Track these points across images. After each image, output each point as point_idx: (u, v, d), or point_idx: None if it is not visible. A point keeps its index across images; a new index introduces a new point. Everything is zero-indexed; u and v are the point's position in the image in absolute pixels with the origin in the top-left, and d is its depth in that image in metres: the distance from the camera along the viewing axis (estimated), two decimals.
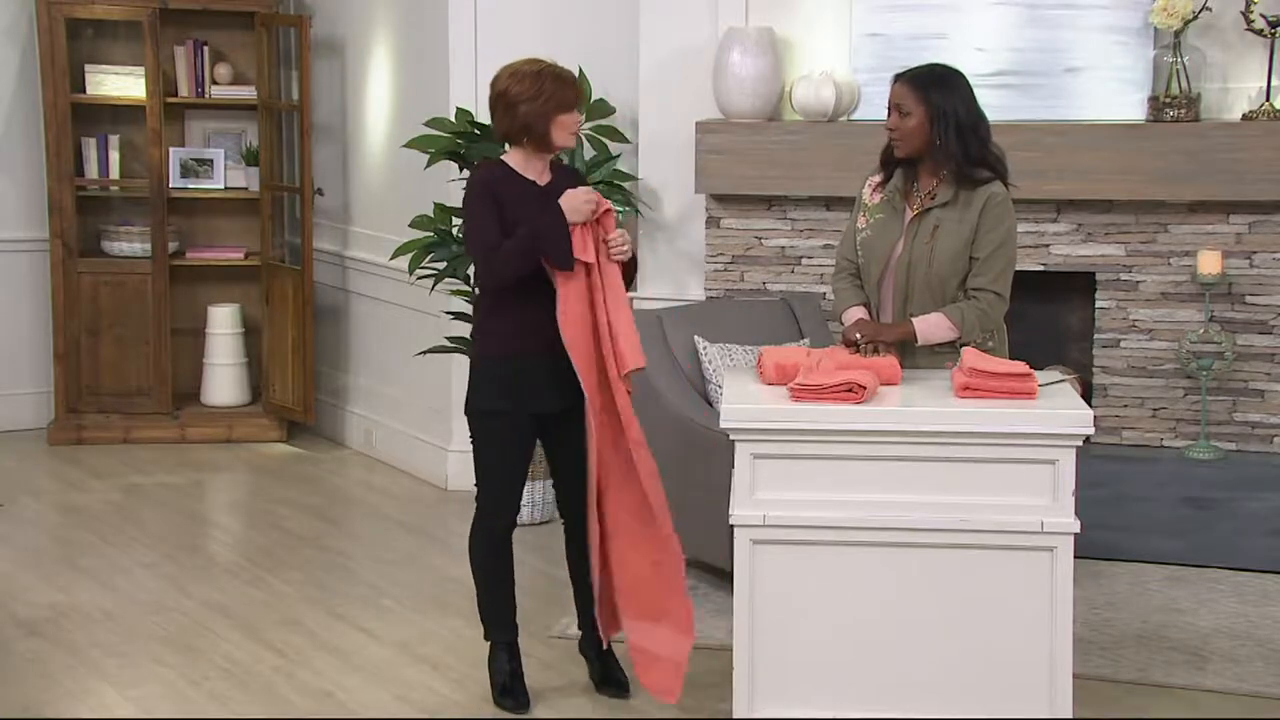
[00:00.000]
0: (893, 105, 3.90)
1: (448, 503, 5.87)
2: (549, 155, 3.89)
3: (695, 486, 4.66)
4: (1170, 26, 5.04)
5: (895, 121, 3.90)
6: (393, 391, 6.41)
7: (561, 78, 3.82)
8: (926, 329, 3.89)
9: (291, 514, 5.72)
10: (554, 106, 3.79)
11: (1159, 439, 5.25)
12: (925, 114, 3.86)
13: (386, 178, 6.37)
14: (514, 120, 3.82)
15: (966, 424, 3.55)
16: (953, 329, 3.90)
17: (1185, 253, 5.14)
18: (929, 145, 3.89)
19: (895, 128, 3.90)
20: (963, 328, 3.90)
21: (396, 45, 6.27)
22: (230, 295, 6.91)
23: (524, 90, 3.78)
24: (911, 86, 3.88)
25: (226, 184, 6.82)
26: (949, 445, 3.55)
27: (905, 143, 3.90)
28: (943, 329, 3.90)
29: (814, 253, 5.40)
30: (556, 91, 3.79)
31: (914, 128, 3.88)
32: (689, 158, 5.37)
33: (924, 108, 3.86)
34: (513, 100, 3.80)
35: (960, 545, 3.56)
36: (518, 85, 3.79)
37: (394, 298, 6.27)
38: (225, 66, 6.78)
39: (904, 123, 3.89)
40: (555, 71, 3.83)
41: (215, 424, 6.70)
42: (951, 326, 3.90)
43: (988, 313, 3.91)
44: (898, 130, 3.90)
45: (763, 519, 3.59)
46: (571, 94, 3.82)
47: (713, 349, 4.92)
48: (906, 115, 3.88)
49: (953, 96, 3.87)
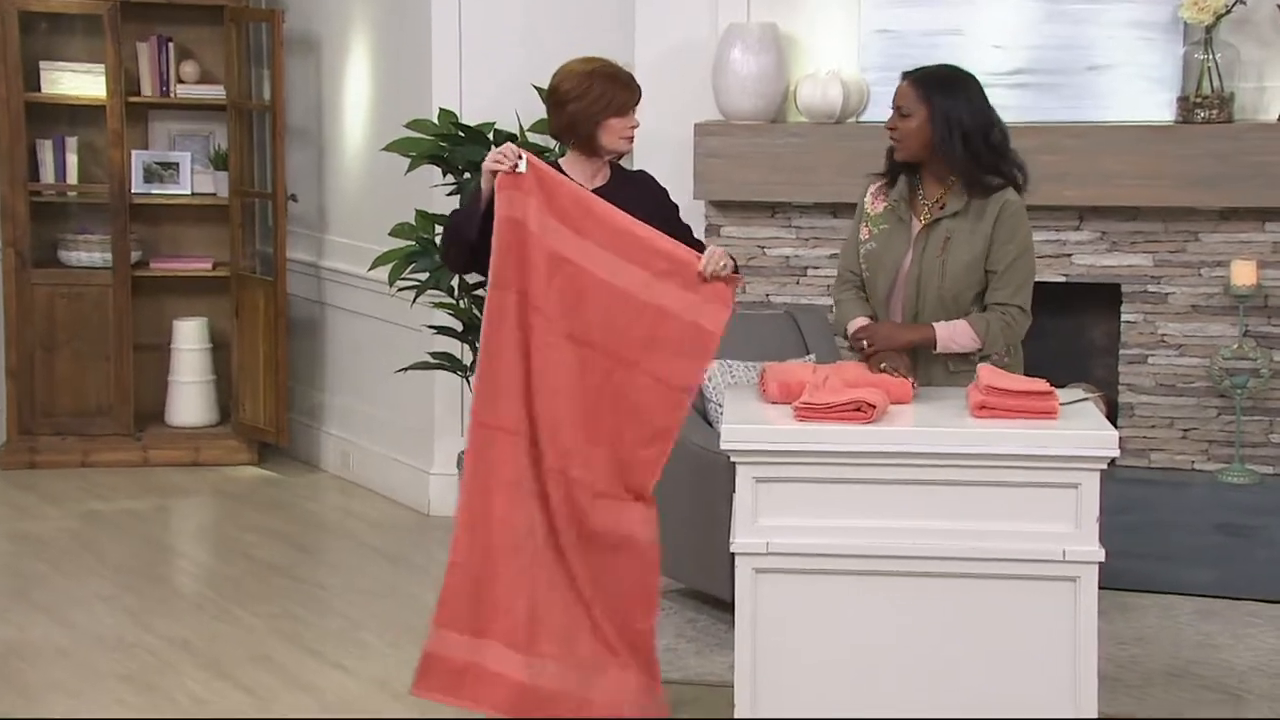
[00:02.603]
0: (894, 105, 3.94)
1: (429, 529, 5.88)
2: (601, 159, 3.91)
3: (694, 512, 4.68)
4: (1201, 21, 5.07)
5: (895, 122, 3.93)
6: (371, 411, 6.43)
7: (614, 78, 3.85)
8: (948, 336, 3.91)
9: (262, 542, 5.73)
10: (602, 108, 3.82)
11: (1190, 462, 5.27)
12: (927, 116, 3.89)
13: (365, 183, 6.39)
14: (561, 119, 3.88)
15: (983, 445, 3.56)
16: (976, 340, 3.91)
17: (1217, 263, 5.17)
18: (930, 150, 3.91)
19: (895, 128, 3.93)
20: (986, 339, 3.91)
21: (376, 41, 6.30)
22: (197, 308, 6.93)
23: (572, 89, 3.83)
24: (914, 86, 3.91)
25: (193, 189, 6.85)
26: (964, 468, 3.56)
27: (904, 145, 3.93)
28: (965, 338, 3.91)
29: (820, 263, 5.43)
30: (606, 92, 3.82)
31: (914, 130, 3.90)
32: (687, 162, 5.40)
33: (925, 109, 3.89)
34: (561, 98, 3.85)
35: (976, 575, 3.57)
36: (567, 83, 3.85)
37: (373, 311, 6.30)
38: (192, 64, 6.81)
39: (904, 124, 3.92)
40: (608, 71, 3.86)
41: (180, 446, 6.71)
42: (975, 337, 3.91)
43: (1012, 327, 3.93)
44: (897, 131, 3.93)
45: (766, 547, 3.60)
46: (623, 96, 3.84)
47: (712, 365, 4.94)
48: (907, 116, 3.91)
49: (958, 99, 3.89)
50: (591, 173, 3.92)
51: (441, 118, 5.65)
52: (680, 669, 4.48)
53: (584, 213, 3.75)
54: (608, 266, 3.74)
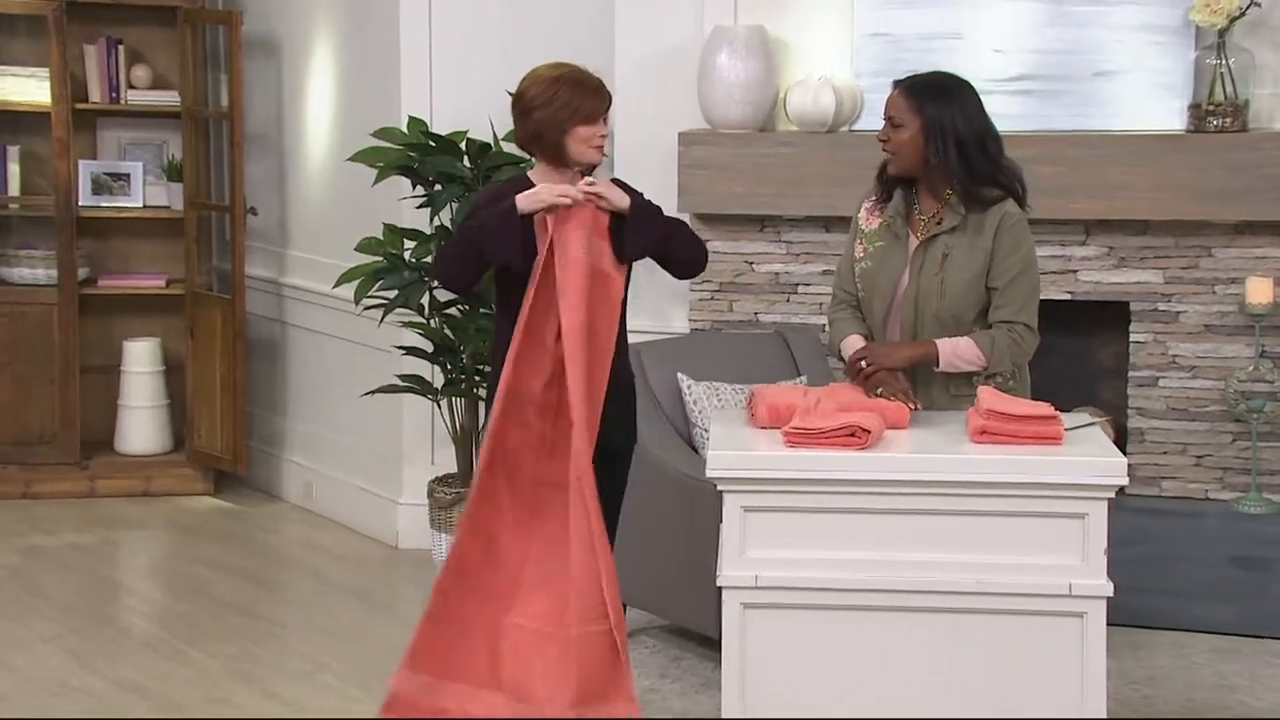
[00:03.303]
0: (886, 115, 3.97)
1: (398, 564, 5.88)
2: (571, 170, 3.94)
3: (678, 544, 4.69)
4: (1214, 24, 5.10)
5: (887, 133, 3.97)
6: (336, 437, 6.43)
7: (581, 83, 3.88)
8: (952, 353, 3.93)
9: (218, 578, 5.73)
10: (569, 115, 3.85)
11: (1204, 490, 5.30)
12: (920, 127, 3.93)
13: (329, 195, 6.41)
14: (527, 128, 3.91)
15: (984, 473, 3.59)
16: (981, 357, 3.94)
17: (1232, 280, 5.20)
18: (924, 162, 3.94)
19: (887, 139, 3.97)
20: (992, 357, 3.94)
21: (340, 44, 6.32)
22: (149, 328, 6.93)
23: (537, 95, 3.87)
24: (906, 95, 3.95)
25: (145, 202, 6.85)
26: (964, 497, 3.59)
27: (897, 158, 3.97)
28: (970, 356, 3.94)
29: (811, 279, 5.45)
30: (573, 99, 3.85)
31: (906, 141, 3.94)
32: (670, 172, 5.42)
33: (919, 120, 3.92)
34: (526, 106, 3.89)
35: (977, 611, 3.59)
36: (532, 90, 3.88)
37: (338, 331, 6.30)
38: (143, 68, 6.83)
39: (896, 135, 3.95)
40: (576, 76, 3.89)
41: (131, 475, 6.71)
42: (980, 354, 3.94)
43: (1019, 345, 3.96)
44: (890, 143, 3.96)
45: (755, 580, 3.62)
46: (591, 102, 3.88)
47: (698, 388, 4.96)
48: (899, 127, 3.95)
49: (952, 108, 3.92)
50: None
51: (410, 126, 5.67)
52: (663, 711, 4.48)
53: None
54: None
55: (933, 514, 3.60)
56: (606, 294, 3.85)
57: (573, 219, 3.81)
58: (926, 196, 4.03)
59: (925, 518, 3.60)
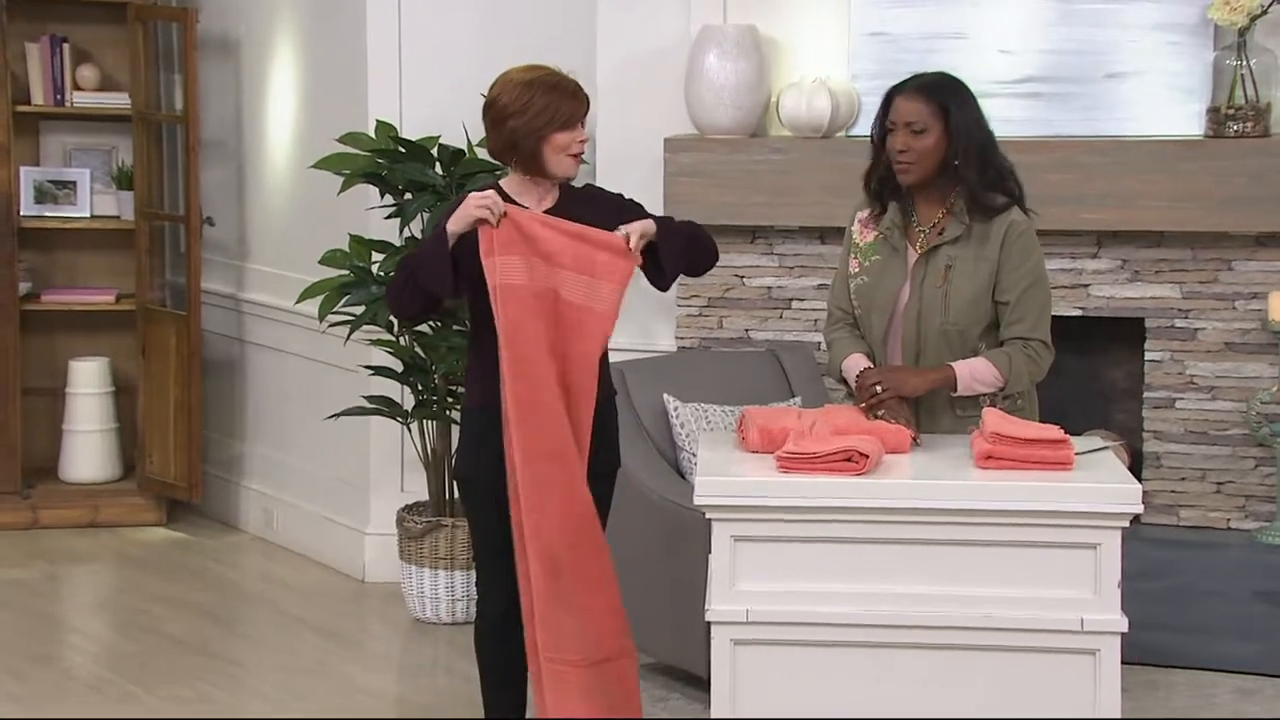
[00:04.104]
0: (900, 123, 3.96)
1: (365, 597, 5.89)
2: (548, 181, 3.97)
3: (664, 576, 4.71)
4: (1234, 23, 5.12)
5: (906, 141, 3.96)
6: (298, 463, 6.44)
7: (557, 87, 3.90)
8: (969, 376, 3.95)
9: (171, 614, 5.73)
10: (545, 122, 3.87)
11: (1224, 520, 5.32)
12: (943, 131, 3.95)
13: (291, 205, 6.42)
14: (501, 137, 3.94)
15: (989, 500, 3.60)
16: (998, 378, 3.96)
17: (1253, 295, 5.23)
18: (941, 170, 3.97)
19: (907, 149, 3.95)
20: (1009, 377, 3.96)
21: (303, 44, 6.34)
22: (97, 347, 6.94)
23: (510, 102, 3.89)
24: (926, 98, 3.95)
25: (92, 211, 6.86)
26: (968, 526, 3.61)
27: (919, 166, 3.97)
28: (988, 377, 3.96)
29: (806, 294, 5.48)
30: (549, 104, 3.87)
31: (930, 148, 3.95)
32: (656, 180, 5.44)
33: (941, 123, 3.94)
34: (499, 113, 3.91)
35: (982, 647, 3.61)
36: (505, 96, 3.90)
37: (300, 349, 6.32)
38: (90, 68, 6.84)
39: (918, 143, 3.95)
40: (551, 80, 3.91)
41: (76, 505, 6.71)
42: (998, 375, 3.96)
43: (1036, 362, 3.98)
44: (910, 152, 3.95)
45: (746, 615, 3.63)
46: (569, 107, 3.90)
47: (685, 409, 4.99)
48: (921, 133, 3.95)
49: (968, 109, 3.97)
50: (538, 196, 3.98)
51: (379, 131, 5.69)
52: None
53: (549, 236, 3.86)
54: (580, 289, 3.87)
55: (935, 544, 3.61)
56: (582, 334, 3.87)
57: (512, 238, 3.83)
58: (925, 205, 4.05)
59: (927, 548, 3.61)
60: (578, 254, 3.86)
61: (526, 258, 3.83)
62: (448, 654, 5.35)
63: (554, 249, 3.85)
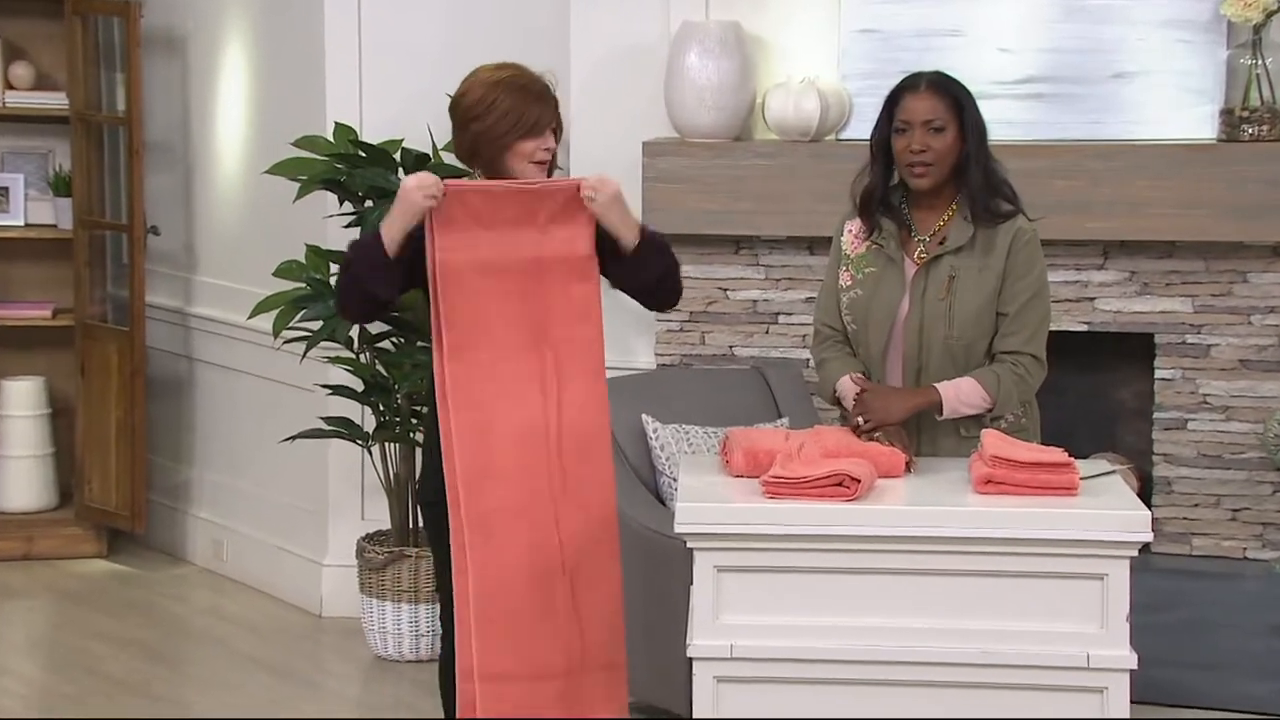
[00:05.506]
0: (916, 122, 3.97)
1: (322, 633, 5.89)
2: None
3: (643, 609, 4.72)
4: (1248, 19, 5.13)
5: (924, 140, 3.96)
6: (251, 489, 6.44)
7: (524, 89, 3.91)
8: (955, 397, 3.96)
9: (111, 653, 5.72)
10: (509, 127, 3.88)
11: (1240, 549, 5.34)
12: (958, 129, 3.98)
13: (243, 213, 6.43)
14: (464, 141, 3.96)
15: (989, 527, 3.61)
16: (986, 399, 3.98)
17: (1270, 309, 5.25)
18: (956, 172, 4.00)
19: (925, 148, 3.96)
20: (998, 397, 3.98)
21: (256, 41, 6.35)
22: (32, 365, 6.94)
23: (474, 104, 3.91)
24: (940, 94, 3.98)
25: (27, 220, 6.86)
26: (967, 555, 3.62)
27: (938, 168, 3.98)
28: (974, 399, 3.98)
29: (793, 308, 5.50)
30: (514, 108, 3.88)
31: (949, 147, 3.97)
32: (634, 186, 5.43)
33: (957, 122, 3.98)
34: (463, 115, 3.93)
35: (982, 684, 3.62)
36: (471, 95, 3.92)
37: (253, 367, 6.32)
38: (24, 65, 6.84)
39: (937, 141, 3.97)
40: (519, 82, 3.93)
41: (9, 535, 6.69)
42: (985, 396, 3.98)
43: (1025, 380, 4.00)
44: (929, 152, 3.96)
45: (729, 650, 3.64)
46: (534, 111, 3.90)
47: (665, 431, 5.01)
48: (940, 131, 3.97)
49: (974, 108, 4.01)
50: None
51: (337, 134, 5.71)
52: None
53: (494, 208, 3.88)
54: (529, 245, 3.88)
55: (931, 574, 3.63)
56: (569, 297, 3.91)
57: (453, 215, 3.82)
58: (924, 212, 4.07)
59: (923, 578, 3.63)
60: (533, 206, 3.86)
61: (470, 231, 3.83)
62: (411, 693, 5.35)
63: (509, 214, 3.85)
